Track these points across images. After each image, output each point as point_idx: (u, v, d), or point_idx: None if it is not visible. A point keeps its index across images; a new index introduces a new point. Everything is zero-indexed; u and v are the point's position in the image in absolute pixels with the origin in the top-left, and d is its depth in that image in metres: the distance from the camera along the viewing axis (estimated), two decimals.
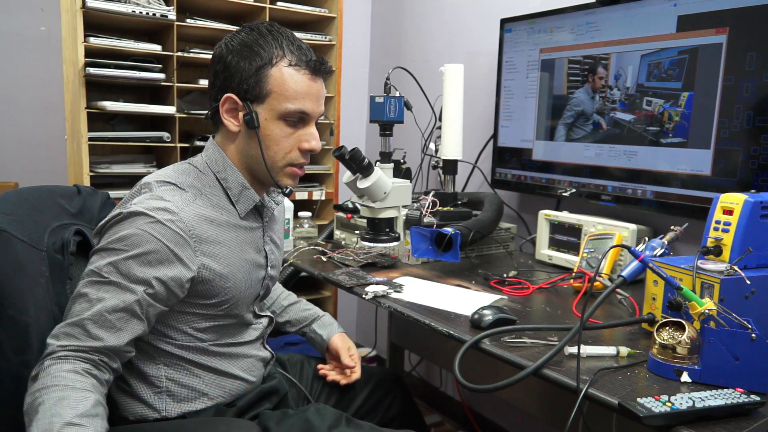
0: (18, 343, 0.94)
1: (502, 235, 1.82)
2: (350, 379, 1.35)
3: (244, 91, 1.04)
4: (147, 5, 1.87)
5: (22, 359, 0.94)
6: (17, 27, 2.22)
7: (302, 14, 2.22)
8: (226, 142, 1.11)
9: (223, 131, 1.10)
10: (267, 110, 1.05)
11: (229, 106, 1.06)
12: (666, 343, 0.93)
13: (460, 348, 1.06)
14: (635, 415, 0.79)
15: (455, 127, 1.90)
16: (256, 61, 1.03)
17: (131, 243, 0.95)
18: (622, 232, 1.49)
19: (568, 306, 1.29)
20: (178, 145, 1.98)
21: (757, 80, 1.29)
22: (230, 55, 1.04)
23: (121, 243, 0.96)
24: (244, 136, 1.08)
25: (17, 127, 2.25)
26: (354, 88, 2.76)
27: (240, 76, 1.04)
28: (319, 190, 2.37)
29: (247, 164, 1.11)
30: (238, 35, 1.07)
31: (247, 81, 1.03)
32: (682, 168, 1.45)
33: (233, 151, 1.10)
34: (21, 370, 0.93)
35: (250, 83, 1.04)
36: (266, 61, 1.03)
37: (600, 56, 1.62)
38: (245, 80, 1.04)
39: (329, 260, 1.69)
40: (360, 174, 1.43)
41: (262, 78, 1.03)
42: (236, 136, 1.08)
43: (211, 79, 1.09)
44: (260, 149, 1.06)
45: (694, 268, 0.99)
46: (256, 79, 1.03)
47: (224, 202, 1.10)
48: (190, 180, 1.08)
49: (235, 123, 1.07)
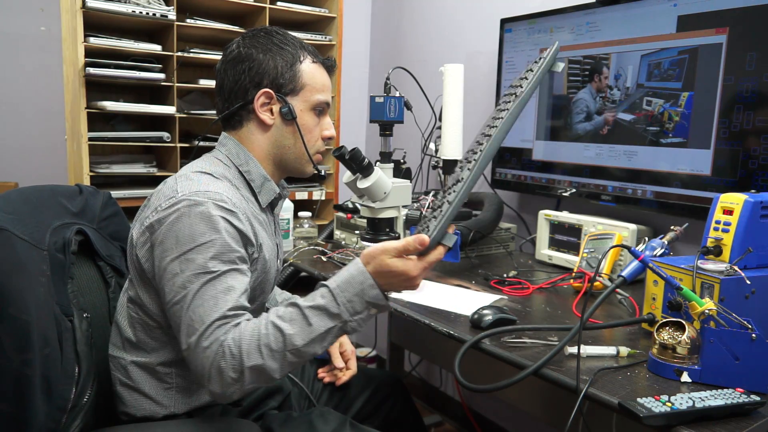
0: (19, 342, 0.94)
1: (502, 235, 1.82)
2: (342, 380, 1.36)
3: (280, 85, 1.10)
4: (147, 5, 1.87)
5: (23, 358, 0.94)
6: (17, 27, 2.21)
7: (302, 14, 2.22)
8: (252, 136, 1.13)
9: (252, 125, 1.13)
10: (301, 102, 1.13)
11: (263, 101, 1.11)
12: (666, 343, 0.93)
13: (460, 348, 1.06)
14: (635, 415, 0.79)
15: (455, 127, 1.90)
16: (288, 58, 1.11)
17: (214, 229, 0.96)
18: (622, 232, 1.49)
19: (568, 306, 1.29)
20: (178, 145, 1.98)
21: (757, 80, 1.29)
22: (260, 54, 1.10)
23: (204, 237, 0.96)
24: (279, 127, 1.13)
25: (17, 127, 2.25)
26: (354, 88, 2.76)
27: (276, 72, 1.10)
28: (319, 190, 2.37)
29: (276, 155, 1.15)
30: (258, 38, 1.12)
31: (283, 76, 1.10)
32: (682, 168, 1.45)
33: (261, 143, 1.14)
34: (22, 368, 0.93)
35: (286, 78, 1.11)
36: (297, 58, 1.12)
37: (600, 56, 1.62)
38: (281, 75, 1.10)
39: (329, 260, 1.69)
40: (360, 174, 1.43)
41: (297, 73, 1.11)
42: (269, 128, 1.13)
43: (231, 78, 1.11)
44: (301, 138, 1.13)
45: (694, 268, 0.99)
46: (292, 73, 1.11)
47: (248, 194, 1.13)
48: (221, 171, 1.10)
49: (270, 116, 1.12)
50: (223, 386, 0.90)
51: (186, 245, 0.95)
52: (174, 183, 1.03)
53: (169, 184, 1.04)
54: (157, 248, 0.99)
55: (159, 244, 0.98)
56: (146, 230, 1.02)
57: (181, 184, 1.02)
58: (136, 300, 1.07)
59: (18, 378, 0.92)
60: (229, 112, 1.13)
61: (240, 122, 1.14)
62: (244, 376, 0.90)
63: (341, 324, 0.93)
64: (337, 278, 0.95)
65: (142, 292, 1.06)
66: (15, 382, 0.93)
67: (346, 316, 0.92)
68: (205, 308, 0.92)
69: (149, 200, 1.07)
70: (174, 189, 1.01)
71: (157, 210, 1.00)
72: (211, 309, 0.92)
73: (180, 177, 1.05)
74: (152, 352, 1.08)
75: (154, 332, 1.07)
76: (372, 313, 0.95)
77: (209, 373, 0.90)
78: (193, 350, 0.92)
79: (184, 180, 1.03)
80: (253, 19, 2.18)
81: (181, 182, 1.02)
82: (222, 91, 1.13)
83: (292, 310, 0.93)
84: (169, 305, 0.96)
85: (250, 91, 1.10)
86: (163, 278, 0.97)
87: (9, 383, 0.93)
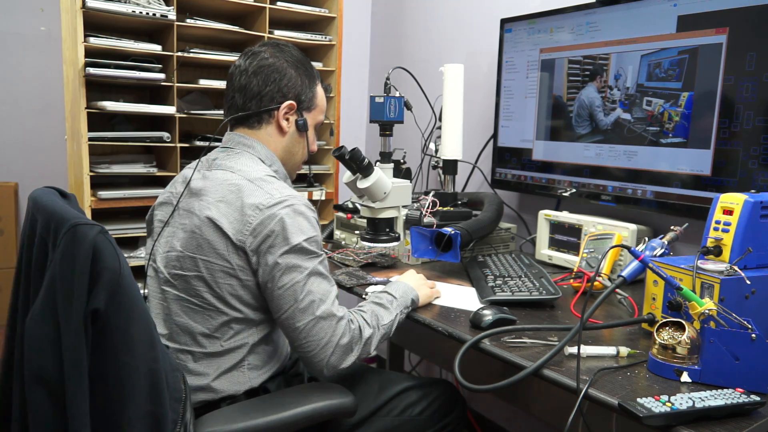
0: (149, 338, 0.90)
1: (502, 235, 1.82)
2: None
3: (301, 101, 1.26)
4: (147, 5, 1.87)
5: (153, 354, 0.90)
6: (17, 27, 2.22)
7: (302, 14, 2.22)
8: (270, 138, 1.26)
9: (270, 128, 1.25)
10: (311, 118, 1.30)
11: (286, 111, 1.24)
12: (666, 343, 0.93)
13: (460, 348, 1.06)
14: (635, 416, 0.79)
15: (455, 127, 1.90)
16: (311, 79, 1.27)
17: (314, 226, 1.15)
18: (622, 232, 1.49)
19: (567, 306, 1.29)
20: (178, 145, 1.98)
21: (757, 80, 1.29)
22: (292, 69, 1.24)
23: (312, 237, 1.13)
24: (292, 135, 1.27)
25: (17, 128, 2.25)
26: (354, 88, 2.76)
27: (301, 88, 1.25)
28: (319, 190, 2.37)
29: (284, 158, 1.29)
30: (290, 53, 1.25)
31: (305, 93, 1.26)
32: (682, 168, 1.45)
33: (277, 145, 1.27)
34: (152, 365, 0.90)
35: (308, 96, 1.27)
36: (316, 81, 1.29)
37: (600, 56, 1.62)
38: (304, 92, 1.26)
39: (329, 260, 1.69)
40: (360, 174, 1.43)
41: (315, 93, 1.29)
42: (285, 134, 1.26)
43: (260, 82, 1.22)
44: (307, 148, 1.32)
45: (694, 268, 0.99)
46: (311, 93, 1.28)
47: None
48: (268, 169, 1.23)
49: (288, 124, 1.26)
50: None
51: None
52: (257, 187, 1.14)
53: (251, 185, 1.14)
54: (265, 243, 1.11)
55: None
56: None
57: (264, 189, 1.14)
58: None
59: (151, 375, 0.90)
60: (250, 113, 1.23)
61: (259, 123, 1.25)
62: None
63: (399, 313, 1.22)
64: (389, 287, 1.28)
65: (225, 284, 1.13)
66: (150, 380, 0.90)
67: (401, 308, 1.23)
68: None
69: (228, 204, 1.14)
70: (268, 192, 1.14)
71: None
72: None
73: (260, 180, 1.15)
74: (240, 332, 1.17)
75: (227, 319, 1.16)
76: (408, 311, 1.26)
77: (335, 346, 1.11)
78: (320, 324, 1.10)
79: (265, 184, 1.14)
80: (253, 19, 2.18)
81: (264, 186, 1.14)
82: (246, 91, 1.23)
83: (372, 304, 1.22)
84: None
85: (277, 99, 1.23)
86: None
87: (146, 382, 0.89)
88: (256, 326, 1.17)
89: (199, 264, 1.12)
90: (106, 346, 0.85)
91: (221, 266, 1.11)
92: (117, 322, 0.85)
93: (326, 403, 1.11)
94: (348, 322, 1.13)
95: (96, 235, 0.82)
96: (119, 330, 0.86)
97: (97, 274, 0.82)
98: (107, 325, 0.84)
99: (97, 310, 0.82)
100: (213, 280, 1.11)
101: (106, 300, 0.82)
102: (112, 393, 0.86)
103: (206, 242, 1.11)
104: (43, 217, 0.93)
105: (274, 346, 1.22)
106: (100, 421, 0.84)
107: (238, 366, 1.15)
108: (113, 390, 0.86)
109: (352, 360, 1.12)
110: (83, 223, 0.82)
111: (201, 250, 1.12)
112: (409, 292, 1.27)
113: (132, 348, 0.87)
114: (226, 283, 1.12)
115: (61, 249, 0.82)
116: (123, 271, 0.84)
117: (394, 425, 1.28)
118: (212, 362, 1.14)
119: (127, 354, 0.86)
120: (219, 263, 1.11)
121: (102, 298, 0.82)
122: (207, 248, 1.11)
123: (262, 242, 1.09)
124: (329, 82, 2.33)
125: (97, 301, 0.82)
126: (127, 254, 1.95)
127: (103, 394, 0.85)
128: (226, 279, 1.11)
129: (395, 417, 1.29)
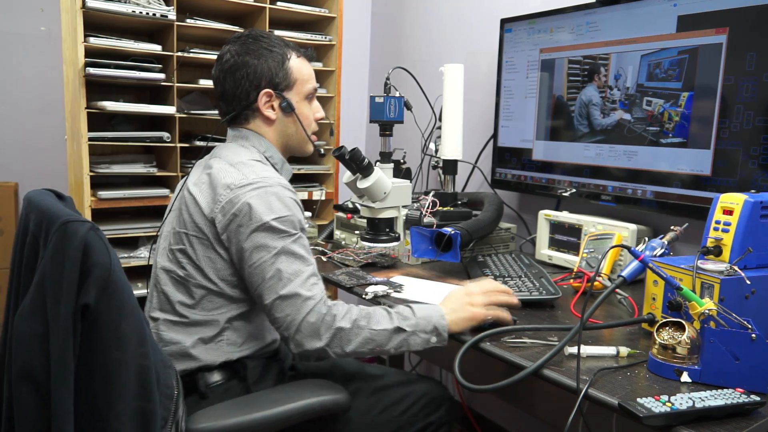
0: (139, 334, 0.90)
1: (502, 235, 1.82)
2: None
3: (276, 84, 1.27)
4: (147, 5, 1.87)
5: (143, 351, 0.90)
6: (17, 27, 2.21)
7: (302, 14, 2.22)
8: (260, 129, 1.30)
9: (258, 121, 1.30)
10: (296, 94, 1.30)
11: (265, 100, 1.27)
12: (666, 343, 0.93)
13: (460, 348, 1.06)
14: (635, 416, 0.79)
15: (455, 127, 1.90)
16: (278, 59, 1.27)
17: (288, 206, 1.15)
18: (622, 232, 1.49)
19: (567, 306, 1.29)
20: (178, 145, 1.98)
21: (757, 80, 1.29)
22: (254, 59, 1.25)
23: (284, 217, 1.14)
24: (281, 120, 1.30)
25: (17, 128, 2.25)
26: (354, 88, 2.76)
27: (271, 74, 1.26)
28: (319, 190, 2.36)
29: (282, 142, 1.33)
30: (247, 44, 1.26)
31: (277, 75, 1.27)
32: (682, 168, 1.45)
33: (269, 134, 1.31)
34: (142, 361, 0.90)
35: (280, 76, 1.27)
36: (285, 57, 1.28)
37: (600, 56, 1.62)
38: (275, 75, 1.26)
39: (329, 260, 1.69)
40: (360, 174, 1.43)
41: (288, 70, 1.28)
42: (273, 122, 1.30)
43: (232, 84, 1.26)
44: (301, 126, 1.32)
45: (694, 268, 0.99)
46: (284, 72, 1.27)
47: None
48: (259, 156, 1.27)
49: (273, 112, 1.29)
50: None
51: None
52: (235, 170, 1.18)
53: (228, 168, 1.19)
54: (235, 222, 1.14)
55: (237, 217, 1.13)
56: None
57: (242, 171, 1.17)
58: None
59: (141, 371, 0.89)
60: (235, 113, 1.28)
61: (246, 120, 1.30)
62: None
63: (408, 332, 1.11)
64: (416, 305, 1.17)
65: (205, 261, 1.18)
66: (140, 376, 0.89)
67: (414, 329, 1.12)
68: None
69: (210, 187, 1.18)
70: (229, 174, 1.17)
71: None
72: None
73: (238, 164, 1.19)
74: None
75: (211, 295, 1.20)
76: (432, 341, 1.13)
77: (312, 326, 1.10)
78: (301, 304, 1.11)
79: (243, 166, 1.18)
80: (253, 19, 2.18)
81: (240, 168, 1.18)
82: (224, 97, 1.28)
83: (379, 308, 1.16)
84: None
85: (252, 94, 1.26)
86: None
87: (135, 377, 0.89)
88: (235, 303, 1.20)
89: (183, 237, 1.19)
90: (96, 341, 0.85)
91: (200, 239, 1.17)
92: (107, 317, 0.85)
93: (318, 399, 1.11)
94: (319, 303, 1.10)
95: (87, 231, 0.82)
96: (109, 325, 0.86)
97: (87, 270, 0.82)
98: (98, 320, 0.84)
99: (88, 305, 0.82)
100: (193, 252, 1.18)
101: (96, 295, 0.83)
102: (100, 388, 0.86)
103: (188, 216, 1.19)
104: (35, 215, 0.93)
105: (254, 326, 1.23)
106: (88, 416, 0.84)
107: (216, 338, 1.19)
108: (102, 385, 0.86)
109: (318, 345, 1.09)
110: (74, 220, 0.82)
111: (185, 225, 1.19)
112: (436, 319, 1.12)
113: (122, 343, 0.87)
114: (205, 255, 1.17)
115: (52, 245, 0.82)
116: (114, 266, 0.85)
117: (372, 425, 1.25)
118: (190, 330, 1.19)
119: (117, 349, 0.87)
120: (198, 236, 1.17)
121: (92, 293, 0.82)
122: (189, 222, 1.19)
123: (231, 222, 1.13)
124: (329, 82, 2.33)
125: (88, 296, 0.82)
126: (127, 254, 1.94)
127: (91, 390, 0.85)
128: (205, 251, 1.17)
129: (374, 417, 1.25)
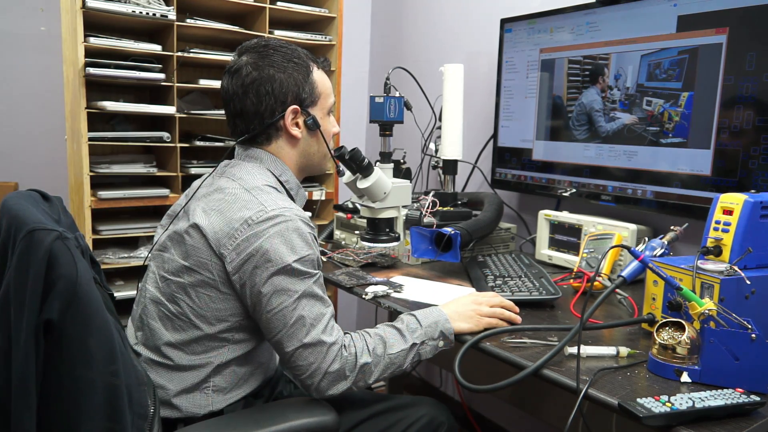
0: (107, 352, 0.86)
1: (502, 235, 1.82)
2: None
3: (302, 99, 1.17)
4: (147, 5, 1.87)
5: (112, 369, 0.85)
6: (17, 27, 2.21)
7: (302, 14, 2.22)
8: (282, 150, 1.20)
9: (281, 141, 1.19)
10: (320, 109, 1.21)
11: (291, 117, 1.17)
12: (666, 343, 0.93)
13: (460, 348, 1.06)
14: (635, 416, 0.79)
15: (455, 127, 1.90)
16: (303, 72, 1.17)
17: (309, 244, 1.07)
18: (622, 232, 1.49)
19: (567, 306, 1.29)
20: (178, 145, 1.98)
21: (757, 80, 1.29)
22: (280, 73, 1.14)
23: (305, 257, 1.06)
24: (305, 138, 1.21)
25: (17, 127, 2.25)
26: (354, 88, 2.76)
27: (297, 88, 1.16)
28: (319, 190, 2.36)
29: (302, 163, 1.23)
30: (267, 55, 1.14)
31: (304, 90, 1.17)
32: (682, 168, 1.45)
33: (293, 154, 1.21)
34: (111, 379, 0.86)
35: (306, 91, 1.17)
36: (309, 69, 1.18)
37: (600, 56, 1.62)
38: (302, 90, 1.16)
39: (329, 260, 1.69)
40: (360, 174, 1.43)
41: (313, 84, 1.18)
42: (298, 140, 1.20)
43: (254, 101, 1.14)
44: (326, 144, 1.23)
45: (694, 268, 0.99)
46: (309, 86, 1.18)
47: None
48: (273, 181, 1.18)
49: (298, 129, 1.18)
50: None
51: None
52: (252, 199, 1.08)
53: (244, 196, 1.09)
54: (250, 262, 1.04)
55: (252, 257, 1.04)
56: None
57: (259, 199, 1.08)
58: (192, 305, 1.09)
59: (110, 390, 0.85)
60: (258, 131, 1.17)
61: (268, 139, 1.18)
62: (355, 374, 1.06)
63: (419, 344, 1.10)
64: (419, 311, 1.15)
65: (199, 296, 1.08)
66: (108, 396, 0.85)
67: (423, 339, 1.11)
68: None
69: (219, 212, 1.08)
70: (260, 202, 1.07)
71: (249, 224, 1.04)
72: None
73: (254, 189, 1.10)
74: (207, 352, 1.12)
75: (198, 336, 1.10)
76: (441, 346, 1.12)
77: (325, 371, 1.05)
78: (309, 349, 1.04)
79: (260, 193, 1.09)
80: (253, 19, 2.18)
81: (258, 196, 1.08)
82: (244, 114, 1.16)
83: (387, 327, 1.13)
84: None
85: (278, 110, 1.15)
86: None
87: (103, 397, 0.85)
88: (230, 346, 1.10)
89: (181, 270, 1.08)
90: (61, 359, 0.80)
91: (202, 275, 1.06)
92: (73, 333, 0.80)
93: (304, 421, 1.04)
94: (341, 348, 1.05)
95: (53, 241, 0.78)
96: (75, 342, 0.81)
97: (51, 283, 0.77)
98: (62, 336, 0.79)
99: (51, 320, 0.77)
100: (192, 288, 1.07)
101: (60, 310, 0.78)
102: (65, 409, 0.81)
103: (192, 248, 1.07)
104: (6, 220, 0.88)
105: (245, 370, 1.14)
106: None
107: (202, 385, 1.10)
108: (68, 406, 0.81)
109: (344, 387, 1.06)
110: (40, 228, 0.78)
111: (186, 255, 1.08)
112: (441, 323, 1.12)
113: (89, 361, 0.82)
114: (206, 294, 1.07)
115: (17, 255, 0.78)
116: (80, 279, 0.79)
117: None
118: (174, 376, 1.09)
119: (84, 367, 0.81)
120: (200, 271, 1.06)
121: (56, 307, 0.77)
122: (192, 254, 1.07)
123: (246, 261, 1.02)
124: (329, 82, 2.32)
125: (51, 311, 0.77)
126: (127, 254, 1.94)
127: (56, 411, 0.80)
128: (206, 290, 1.07)
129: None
